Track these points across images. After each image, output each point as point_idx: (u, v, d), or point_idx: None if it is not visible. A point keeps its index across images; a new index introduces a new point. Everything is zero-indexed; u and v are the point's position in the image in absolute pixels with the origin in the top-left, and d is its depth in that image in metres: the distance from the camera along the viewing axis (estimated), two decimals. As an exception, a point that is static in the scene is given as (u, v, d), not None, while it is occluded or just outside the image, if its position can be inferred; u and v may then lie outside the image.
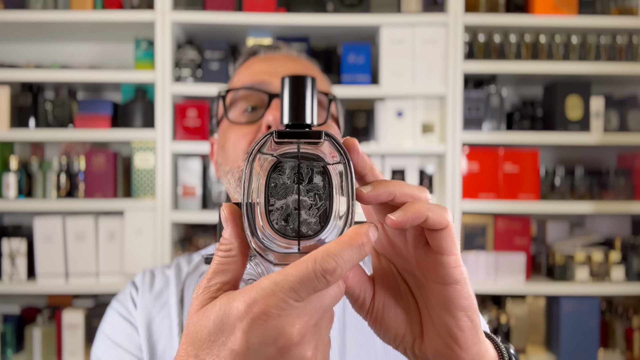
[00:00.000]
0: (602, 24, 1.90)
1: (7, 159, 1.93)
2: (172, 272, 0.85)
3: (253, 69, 0.79)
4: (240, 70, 0.83)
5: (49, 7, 1.91)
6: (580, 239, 2.00)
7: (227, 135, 0.77)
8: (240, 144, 0.74)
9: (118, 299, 0.83)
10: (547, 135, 1.92)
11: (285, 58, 0.82)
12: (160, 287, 0.82)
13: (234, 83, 0.82)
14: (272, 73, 0.77)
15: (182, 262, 0.87)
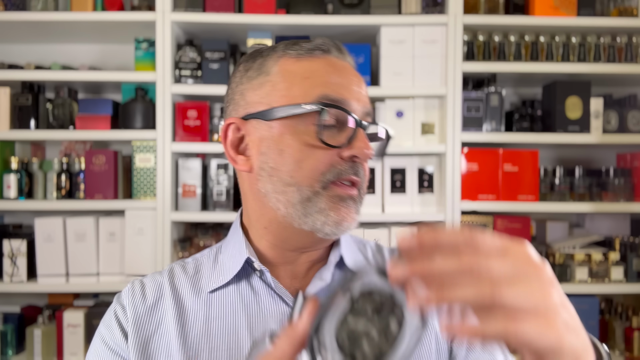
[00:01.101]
0: (601, 24, 1.90)
1: (7, 159, 1.93)
2: (166, 279, 0.79)
3: (331, 80, 0.71)
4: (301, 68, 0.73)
5: (49, 8, 1.92)
6: (579, 239, 2.00)
7: (296, 146, 0.70)
8: (319, 165, 0.69)
9: (104, 321, 0.76)
10: (547, 136, 1.92)
11: (353, 75, 0.74)
12: (154, 299, 0.76)
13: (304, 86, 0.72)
14: (350, 94, 0.72)
15: (176, 269, 0.81)
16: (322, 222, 0.69)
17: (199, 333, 0.72)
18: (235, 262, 0.75)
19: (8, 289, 1.87)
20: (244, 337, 0.71)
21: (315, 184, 0.69)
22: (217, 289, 0.75)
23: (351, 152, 0.70)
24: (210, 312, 0.74)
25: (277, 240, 0.74)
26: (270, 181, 0.71)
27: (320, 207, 0.69)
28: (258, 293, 0.74)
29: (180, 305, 0.75)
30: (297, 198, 0.70)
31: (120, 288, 1.88)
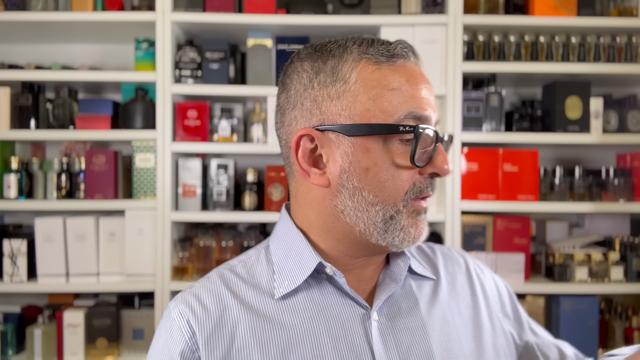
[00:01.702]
0: (601, 24, 1.90)
1: (7, 159, 1.93)
2: (223, 287, 0.72)
3: (414, 93, 0.69)
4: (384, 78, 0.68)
5: (49, 8, 1.91)
6: (579, 239, 2.00)
7: (386, 167, 0.68)
8: (404, 185, 0.69)
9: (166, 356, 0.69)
10: (547, 136, 1.92)
11: (427, 82, 0.72)
12: (219, 312, 0.70)
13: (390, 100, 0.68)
14: (429, 107, 0.70)
15: (228, 274, 0.75)
16: (401, 238, 0.70)
17: (281, 344, 0.68)
18: (303, 267, 0.72)
19: (8, 289, 1.87)
20: (327, 343, 0.69)
21: (398, 204, 0.69)
22: (286, 295, 0.72)
23: (433, 170, 0.70)
24: (285, 320, 0.70)
25: (349, 251, 0.73)
26: (351, 200, 0.69)
27: (402, 225, 0.70)
28: (329, 297, 0.72)
29: (251, 314, 0.70)
30: (380, 217, 0.69)
31: (120, 288, 1.89)
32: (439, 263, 0.84)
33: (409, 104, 0.68)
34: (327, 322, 0.70)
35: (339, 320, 0.71)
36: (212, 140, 1.94)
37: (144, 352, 1.91)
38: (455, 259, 0.86)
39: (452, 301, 0.79)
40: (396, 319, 0.73)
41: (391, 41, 0.72)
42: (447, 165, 0.69)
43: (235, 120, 1.96)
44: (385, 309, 0.73)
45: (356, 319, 0.71)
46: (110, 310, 1.89)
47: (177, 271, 1.89)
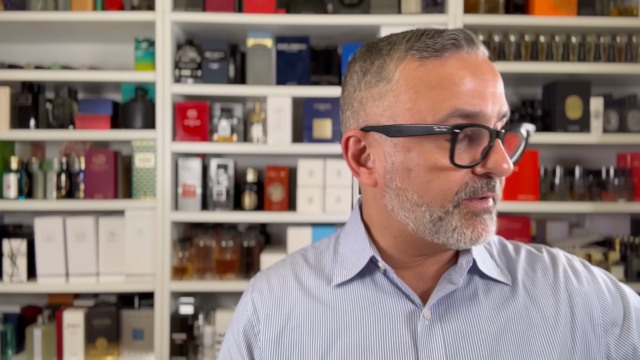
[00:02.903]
0: (601, 24, 1.90)
1: (7, 159, 1.93)
2: (289, 271, 0.78)
3: (463, 87, 0.64)
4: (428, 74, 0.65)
5: (49, 8, 1.91)
6: (579, 239, 2.00)
7: (427, 167, 0.66)
8: (452, 186, 0.65)
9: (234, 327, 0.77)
10: (547, 135, 1.92)
11: (489, 68, 0.67)
12: (281, 291, 0.76)
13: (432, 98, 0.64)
14: (488, 98, 0.65)
15: (298, 259, 0.80)
16: (456, 239, 0.66)
17: (330, 328, 0.71)
18: (359, 258, 0.73)
19: (8, 289, 1.87)
20: (373, 335, 0.70)
21: (447, 204, 0.66)
22: (342, 283, 0.74)
23: (486, 170, 0.65)
24: (337, 307, 0.72)
25: (407, 247, 0.72)
26: (397, 199, 0.68)
27: (454, 226, 0.66)
28: (384, 291, 0.72)
29: (308, 297, 0.74)
30: (428, 218, 0.66)
31: (120, 288, 1.89)
32: (518, 266, 0.77)
33: (455, 100, 0.64)
34: (376, 314, 0.71)
35: (388, 314, 0.71)
36: (212, 140, 1.94)
37: (143, 352, 1.91)
38: (543, 261, 0.78)
39: (527, 309, 0.72)
40: (450, 321, 0.70)
41: (443, 30, 0.67)
42: (505, 164, 0.64)
43: (235, 120, 1.96)
44: (440, 309, 0.71)
45: (405, 315, 0.71)
46: (110, 310, 1.89)
47: (177, 271, 1.89)
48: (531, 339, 0.70)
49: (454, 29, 0.67)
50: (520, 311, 0.72)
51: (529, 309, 0.72)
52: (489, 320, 0.71)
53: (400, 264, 0.73)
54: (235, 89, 1.90)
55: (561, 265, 0.77)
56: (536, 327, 0.71)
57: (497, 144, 0.64)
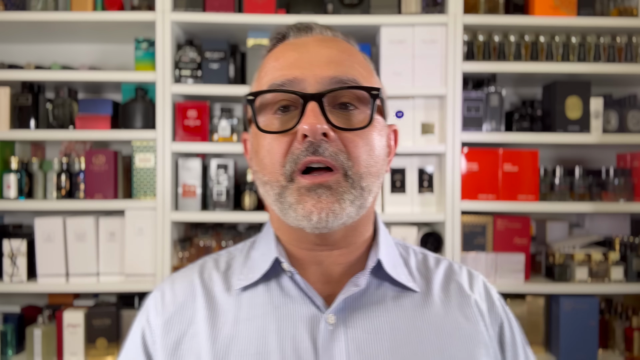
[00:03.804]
0: (601, 24, 1.90)
1: (7, 159, 1.93)
2: (196, 276, 0.75)
3: (282, 61, 0.68)
4: (269, 60, 0.71)
5: (49, 8, 1.91)
6: (579, 239, 2.00)
7: (260, 142, 0.68)
8: (275, 155, 0.65)
9: (131, 336, 0.75)
10: (547, 136, 1.92)
11: (318, 43, 0.69)
12: (184, 297, 0.73)
13: (262, 79, 0.70)
14: (305, 66, 0.66)
15: (208, 264, 0.78)
16: (294, 217, 0.65)
17: (228, 335, 0.68)
18: (265, 261, 0.71)
19: (8, 289, 1.87)
20: (273, 341, 0.67)
21: (280, 178, 0.65)
22: (247, 287, 0.72)
23: (300, 132, 0.63)
24: (239, 312, 0.70)
25: (292, 239, 0.71)
26: (260, 186, 0.69)
27: (289, 202, 0.65)
28: (288, 294, 0.70)
29: (212, 303, 0.72)
30: (272, 197, 0.67)
31: (120, 288, 1.89)
32: (435, 277, 0.75)
33: (270, 75, 0.68)
34: (277, 319, 0.68)
35: (290, 319, 0.68)
36: (212, 140, 1.94)
37: (143, 352, 1.91)
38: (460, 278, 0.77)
39: (437, 319, 0.71)
40: (354, 326, 0.67)
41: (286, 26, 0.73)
42: (305, 125, 0.62)
43: (235, 120, 1.96)
44: (345, 314, 0.68)
45: (308, 319, 0.68)
46: (110, 310, 1.89)
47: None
48: (440, 349, 0.68)
49: (292, 24, 0.72)
50: (430, 320, 0.70)
51: (440, 319, 0.71)
52: (395, 327, 0.68)
53: (305, 262, 0.71)
54: (235, 89, 1.90)
55: (477, 286, 0.77)
56: (446, 337, 0.69)
57: (309, 106, 0.63)
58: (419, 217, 1.90)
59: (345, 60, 0.68)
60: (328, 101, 0.65)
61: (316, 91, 0.64)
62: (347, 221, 0.66)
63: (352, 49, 0.72)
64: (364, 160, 0.66)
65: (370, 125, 0.66)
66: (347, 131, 0.65)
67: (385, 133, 0.72)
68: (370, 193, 0.68)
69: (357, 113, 0.67)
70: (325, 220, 0.63)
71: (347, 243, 0.70)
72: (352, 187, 0.65)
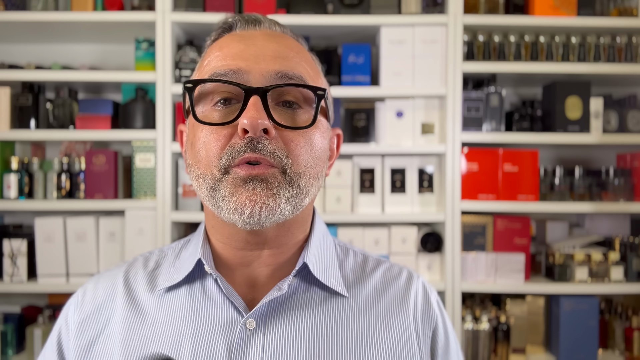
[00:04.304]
0: (601, 24, 1.90)
1: (7, 159, 1.93)
2: (121, 275, 0.73)
3: (226, 51, 0.66)
4: (212, 49, 0.68)
5: (49, 8, 1.92)
6: (579, 239, 2.00)
7: (196, 134, 0.65)
8: (212, 148, 0.62)
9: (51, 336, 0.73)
10: (547, 136, 1.92)
11: (265, 37, 0.67)
12: (104, 296, 0.71)
13: (203, 67, 0.68)
14: (250, 58, 0.64)
15: (137, 262, 0.76)
16: (226, 211, 0.62)
17: (143, 337, 0.66)
18: (191, 262, 0.69)
19: (8, 289, 1.87)
20: (187, 346, 0.64)
21: (214, 171, 0.62)
22: (169, 288, 0.69)
23: (240, 126, 0.61)
24: (158, 313, 0.68)
25: (223, 237, 0.68)
26: (192, 178, 0.67)
27: (222, 194, 0.62)
28: (210, 297, 0.67)
29: (132, 304, 0.69)
30: (205, 190, 0.64)
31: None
32: (369, 282, 0.73)
33: (212, 65, 0.66)
34: (194, 323, 0.66)
35: (207, 323, 0.66)
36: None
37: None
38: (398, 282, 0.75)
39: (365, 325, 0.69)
40: (274, 332, 0.65)
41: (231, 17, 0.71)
42: (246, 119, 0.59)
43: (235, 120, 1.96)
44: (267, 319, 0.66)
45: (225, 324, 0.65)
46: (110, 310, 1.89)
47: (177, 271, 1.89)
48: (360, 357, 0.66)
49: (240, 15, 0.71)
50: (355, 327, 0.68)
51: (366, 326, 0.68)
52: (316, 333, 0.66)
53: (231, 264, 0.69)
54: (235, 89, 1.90)
55: (414, 290, 0.74)
56: (369, 345, 0.67)
57: (252, 100, 0.61)
58: (419, 217, 1.90)
59: (293, 57, 0.66)
60: (272, 97, 0.63)
61: (261, 85, 0.63)
62: (280, 219, 0.63)
63: (300, 47, 0.70)
64: (304, 160, 0.64)
65: (313, 125, 0.65)
66: (289, 129, 0.63)
67: (328, 136, 0.70)
68: (307, 194, 0.65)
69: (300, 112, 0.65)
70: (258, 214, 0.61)
71: (278, 243, 0.68)
72: (289, 184, 0.63)
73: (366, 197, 1.93)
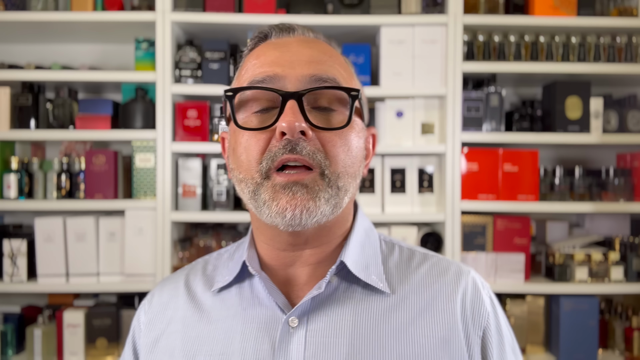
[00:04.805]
0: (601, 24, 1.90)
1: (7, 159, 1.93)
2: (182, 276, 0.79)
3: (263, 59, 0.68)
4: (249, 59, 0.71)
5: (49, 8, 1.92)
6: (579, 239, 2.00)
7: (237, 139, 0.68)
8: (252, 153, 0.65)
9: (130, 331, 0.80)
10: (547, 136, 1.92)
11: (299, 43, 0.70)
12: (169, 296, 0.77)
13: (242, 76, 0.71)
14: (286, 64, 0.67)
15: (198, 265, 0.81)
16: (268, 215, 0.64)
17: (200, 334, 0.70)
18: (239, 263, 0.73)
19: (8, 289, 1.87)
20: (237, 343, 0.68)
21: (255, 175, 0.65)
22: (222, 288, 0.74)
23: (278, 129, 0.63)
24: (213, 311, 0.72)
25: (266, 238, 0.71)
26: (235, 182, 0.70)
27: (263, 199, 0.64)
28: (257, 296, 0.71)
29: (192, 304, 0.74)
30: (247, 194, 0.67)
31: (120, 288, 1.89)
32: (413, 278, 0.72)
33: (250, 73, 0.68)
34: (244, 320, 0.69)
35: (255, 320, 0.69)
36: (212, 140, 1.94)
37: (144, 352, 1.91)
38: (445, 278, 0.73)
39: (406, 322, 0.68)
40: (315, 329, 0.67)
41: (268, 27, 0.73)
42: (284, 122, 0.62)
43: (235, 120, 1.96)
44: (309, 316, 0.68)
45: (270, 321, 0.68)
46: (110, 310, 1.89)
47: (177, 271, 1.89)
48: (401, 356, 0.66)
49: (275, 24, 0.73)
50: (396, 325, 0.68)
51: (408, 324, 0.68)
52: (357, 331, 0.67)
53: (274, 265, 0.72)
54: (235, 89, 1.90)
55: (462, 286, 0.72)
56: (410, 344, 0.67)
57: (289, 104, 0.63)
58: (419, 217, 1.90)
59: (326, 61, 0.69)
60: (308, 101, 0.65)
61: (296, 89, 0.65)
62: (321, 219, 0.65)
63: (333, 51, 0.72)
64: (342, 160, 0.66)
65: (349, 125, 0.66)
66: (325, 131, 0.65)
67: (363, 135, 0.72)
68: (346, 193, 0.67)
69: (336, 114, 0.67)
70: (299, 217, 0.63)
71: (319, 242, 0.70)
72: (328, 186, 0.65)
73: (366, 197, 1.93)
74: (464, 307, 0.71)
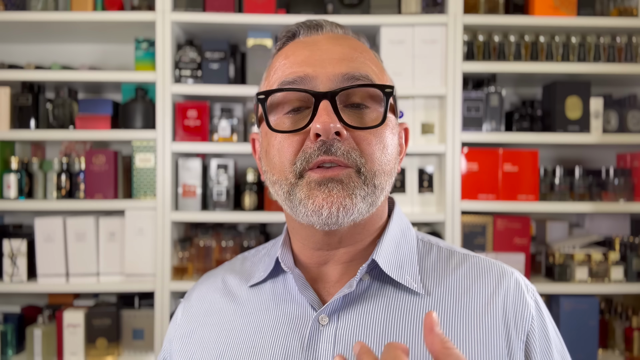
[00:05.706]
0: (601, 24, 1.90)
1: (7, 159, 1.93)
2: (221, 270, 0.81)
3: (293, 59, 0.67)
4: (278, 58, 0.70)
5: (49, 8, 1.91)
6: (579, 239, 2.00)
7: (270, 142, 0.67)
8: (286, 154, 0.64)
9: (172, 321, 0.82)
10: (547, 136, 1.92)
11: (329, 40, 0.68)
12: (207, 289, 0.79)
13: (271, 77, 0.70)
14: (316, 63, 0.65)
15: (237, 260, 0.83)
16: (304, 213, 0.64)
17: (232, 327, 0.71)
18: (273, 260, 0.73)
19: (8, 289, 1.87)
20: (267, 337, 0.68)
21: (289, 176, 0.64)
22: (257, 283, 0.74)
23: (313, 131, 0.62)
24: (247, 306, 0.73)
25: (302, 239, 0.71)
26: (270, 185, 0.69)
27: (299, 198, 0.64)
28: (290, 293, 0.71)
29: (227, 298, 0.75)
30: (282, 195, 0.66)
31: (120, 288, 1.90)
32: (451, 278, 0.70)
33: (279, 73, 0.67)
34: (276, 316, 0.70)
35: (287, 316, 0.69)
36: (212, 140, 1.94)
37: (143, 352, 1.91)
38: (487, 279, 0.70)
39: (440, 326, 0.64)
40: (345, 327, 0.66)
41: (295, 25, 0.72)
42: (319, 124, 0.61)
43: (235, 120, 1.96)
44: (339, 314, 0.67)
45: (300, 319, 0.68)
46: (110, 310, 1.89)
47: (177, 271, 1.89)
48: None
49: (302, 21, 0.71)
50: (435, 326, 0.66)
51: (444, 324, 0.66)
52: (387, 332, 0.65)
53: (308, 263, 0.72)
54: (235, 89, 1.90)
55: (503, 289, 0.70)
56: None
57: (322, 105, 0.62)
58: (419, 217, 1.90)
59: (358, 57, 0.67)
60: (340, 99, 0.64)
61: (328, 89, 0.64)
62: (357, 218, 0.64)
63: (363, 47, 0.71)
64: (378, 158, 0.65)
65: (384, 123, 0.65)
66: (360, 130, 0.64)
67: (397, 132, 0.71)
68: (382, 191, 0.66)
69: (369, 112, 0.66)
70: (335, 215, 0.62)
71: (353, 241, 0.69)
72: (364, 183, 0.64)
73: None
74: (506, 310, 0.68)
